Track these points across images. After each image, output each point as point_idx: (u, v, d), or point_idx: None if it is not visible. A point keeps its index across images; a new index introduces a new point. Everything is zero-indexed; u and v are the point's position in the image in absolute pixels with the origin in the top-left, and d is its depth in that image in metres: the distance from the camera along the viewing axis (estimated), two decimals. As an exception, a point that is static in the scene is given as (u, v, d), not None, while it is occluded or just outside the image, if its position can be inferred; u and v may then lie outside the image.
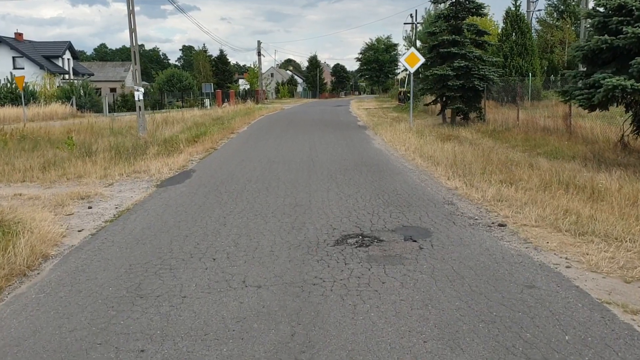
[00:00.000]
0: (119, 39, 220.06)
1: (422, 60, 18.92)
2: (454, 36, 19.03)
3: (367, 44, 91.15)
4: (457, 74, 18.79)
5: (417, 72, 20.30)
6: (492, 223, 6.67)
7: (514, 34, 29.23)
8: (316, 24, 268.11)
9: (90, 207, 8.11)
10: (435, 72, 18.79)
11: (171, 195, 8.76)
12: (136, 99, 16.42)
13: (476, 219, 6.89)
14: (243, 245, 5.85)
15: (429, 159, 11.77)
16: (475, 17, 20.31)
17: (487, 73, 18.81)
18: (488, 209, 7.36)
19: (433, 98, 21.56)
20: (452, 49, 18.94)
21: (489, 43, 20.04)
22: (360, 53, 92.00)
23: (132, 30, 16.32)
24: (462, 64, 18.57)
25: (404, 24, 44.73)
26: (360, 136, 18.01)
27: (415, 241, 5.91)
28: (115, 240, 6.21)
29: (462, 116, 20.22)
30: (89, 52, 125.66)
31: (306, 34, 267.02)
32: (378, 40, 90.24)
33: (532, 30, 38.85)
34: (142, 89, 16.47)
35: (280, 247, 5.74)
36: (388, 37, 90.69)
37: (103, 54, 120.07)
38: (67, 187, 10.06)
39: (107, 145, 15.25)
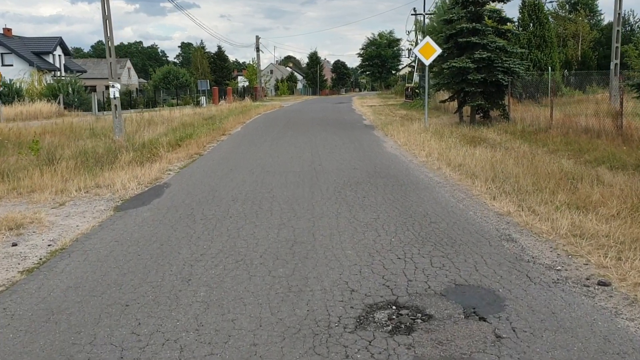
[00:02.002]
0: (119, 36, 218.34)
1: (438, 51, 16.69)
2: (474, 24, 16.79)
3: (369, 39, 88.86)
4: (478, 67, 16.56)
5: (428, 65, 18.05)
6: (587, 279, 4.47)
7: (531, 24, 26.97)
8: (316, 21, 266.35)
9: (14, 245, 5.94)
10: (454, 64, 16.56)
11: (128, 224, 6.57)
12: (111, 96, 14.22)
13: (558, 270, 4.70)
14: (210, 329, 3.67)
15: (459, 169, 9.57)
16: (497, 2, 17.99)
17: (512, 65, 16.57)
18: (568, 251, 5.16)
19: (449, 94, 19.34)
20: (472, 38, 16.71)
21: (512, 32, 17.77)
22: (362, 48, 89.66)
23: (106, 18, 14.12)
24: (483, 56, 16.33)
25: (411, 14, 41.91)
26: (368, 138, 15.80)
27: (484, 319, 3.72)
28: (15, 315, 4.03)
29: (481, 114, 18.01)
30: (87, 49, 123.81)
31: (306, 32, 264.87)
32: (380, 35, 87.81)
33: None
34: (118, 85, 14.27)
35: (268, 335, 3.55)
36: (391, 32, 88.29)
37: (100, 51, 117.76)
38: (13, 205, 7.99)
39: (76, 150, 13.09)
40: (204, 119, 21.58)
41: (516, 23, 26.49)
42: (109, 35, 14.07)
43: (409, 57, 62.27)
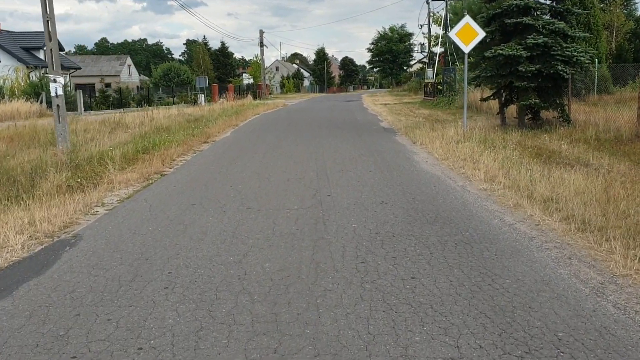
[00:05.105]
0: (126, 34, 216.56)
1: (480, 34, 13.01)
2: (526, 0, 13.12)
3: (379, 33, 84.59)
4: (531, 56, 12.89)
5: (450, 60, 14.35)
6: None
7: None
8: (322, 18, 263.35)
9: None
10: (500, 52, 12.88)
11: None
12: (52, 94, 10.67)
13: None
14: None
15: (555, 208, 5.92)
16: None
17: (574, 54, 12.88)
18: None
19: (491, 90, 15.61)
20: (523, 19, 13.04)
21: (573, 12, 14.00)
22: (372, 43, 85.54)
23: (45, -11, 10.59)
24: (539, 41, 12.66)
25: (426, 1, 37.28)
26: (392, 147, 12.17)
27: None
28: None
29: (530, 116, 14.34)
30: (90, 46, 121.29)
31: (312, 26, 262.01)
32: (391, 29, 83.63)
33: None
34: (61, 79, 10.74)
35: None
36: (402, 26, 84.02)
37: (104, 49, 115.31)
38: None
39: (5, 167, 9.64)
40: (187, 121, 17.99)
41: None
42: (48, 13, 10.53)
43: (421, 52, 58.40)
